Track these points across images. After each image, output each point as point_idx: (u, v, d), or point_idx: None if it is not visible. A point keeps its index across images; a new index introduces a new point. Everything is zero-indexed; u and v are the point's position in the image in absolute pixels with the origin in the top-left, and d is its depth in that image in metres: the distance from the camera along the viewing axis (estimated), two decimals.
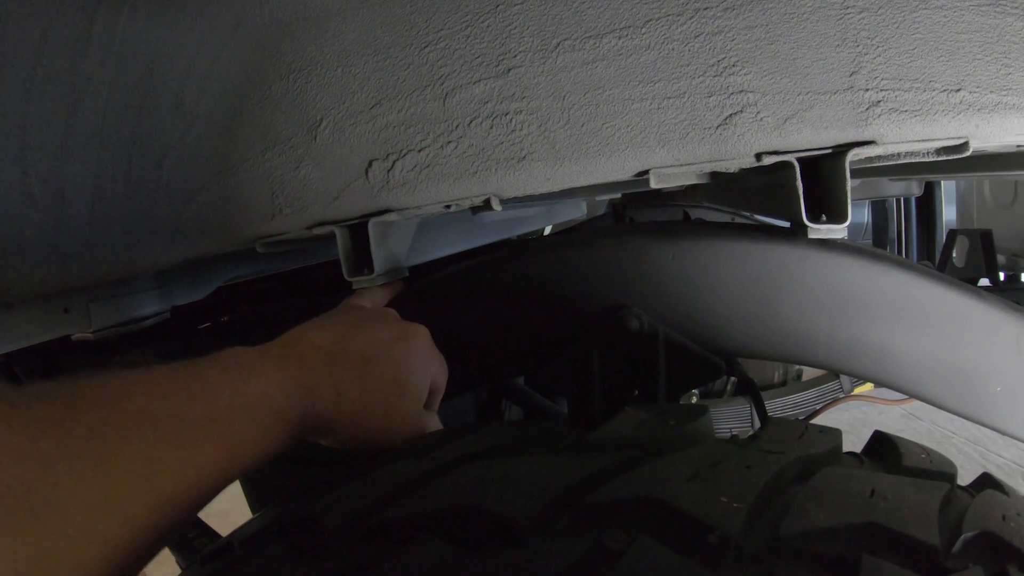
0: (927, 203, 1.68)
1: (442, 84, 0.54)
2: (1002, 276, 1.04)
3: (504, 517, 0.30)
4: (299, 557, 0.31)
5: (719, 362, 0.54)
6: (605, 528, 0.28)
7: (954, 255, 0.96)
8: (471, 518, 0.31)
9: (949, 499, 0.35)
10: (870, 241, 1.88)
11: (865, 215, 1.89)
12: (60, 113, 0.52)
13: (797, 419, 1.13)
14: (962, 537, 0.31)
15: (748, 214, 1.19)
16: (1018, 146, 0.60)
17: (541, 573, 0.26)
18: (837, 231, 0.52)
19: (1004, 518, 0.35)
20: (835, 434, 0.41)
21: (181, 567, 0.71)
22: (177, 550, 0.73)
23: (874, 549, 0.28)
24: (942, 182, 1.62)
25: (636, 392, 0.55)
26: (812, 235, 0.51)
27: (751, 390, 0.88)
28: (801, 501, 0.30)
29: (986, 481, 0.41)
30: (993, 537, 0.32)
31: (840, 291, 0.54)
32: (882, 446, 0.43)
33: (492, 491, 0.32)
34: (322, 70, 0.56)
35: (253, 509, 0.81)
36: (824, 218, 0.53)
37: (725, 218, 1.26)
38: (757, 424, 1.21)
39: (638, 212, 1.36)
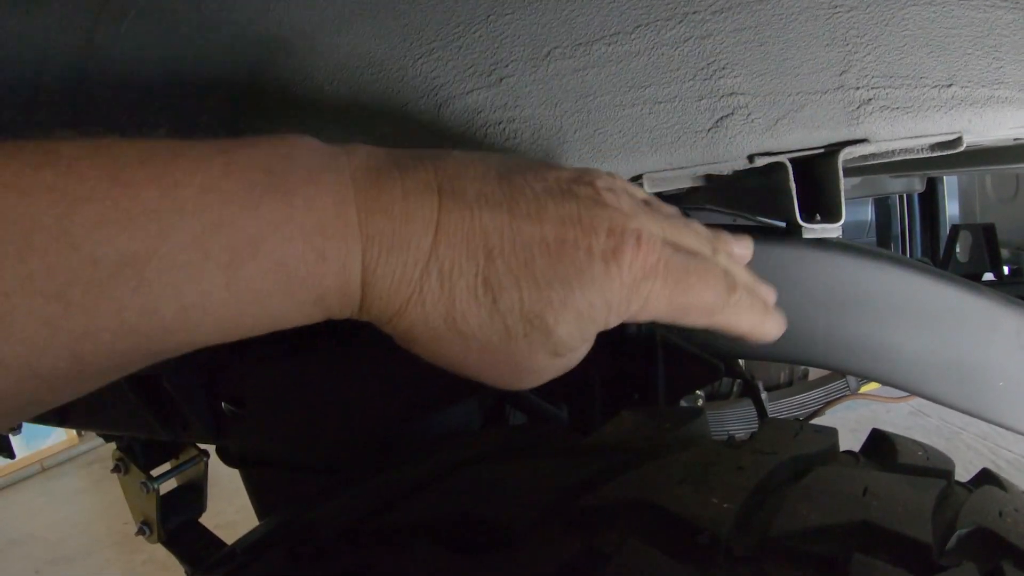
0: (930, 199, 1.67)
1: (436, 95, 0.54)
2: (1006, 270, 1.04)
3: (498, 521, 0.30)
4: (297, 563, 0.32)
5: (718, 364, 0.54)
6: (597, 531, 0.29)
7: (957, 250, 0.95)
8: (466, 522, 0.31)
9: (945, 496, 0.35)
10: (874, 239, 1.87)
11: (868, 212, 1.88)
12: (63, 130, 0.53)
13: (795, 419, 1.12)
14: (956, 534, 0.31)
15: (749, 216, 1.19)
16: (1016, 139, 0.60)
17: (533, 575, 0.26)
18: (832, 230, 0.52)
19: (1001, 514, 0.35)
20: (831, 433, 0.41)
21: (188, 575, 0.72)
22: (184, 558, 0.74)
23: (865, 547, 0.28)
24: (944, 177, 1.61)
25: (636, 396, 0.56)
26: (807, 235, 0.52)
27: (751, 391, 0.87)
28: (792, 501, 0.30)
29: (985, 477, 0.41)
30: (988, 533, 0.32)
31: (837, 290, 0.54)
32: (879, 444, 0.43)
33: (487, 496, 0.32)
34: (319, 83, 0.57)
35: (259, 519, 0.81)
36: (819, 217, 0.53)
37: (727, 220, 1.26)
38: None
39: None
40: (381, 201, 0.25)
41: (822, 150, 0.52)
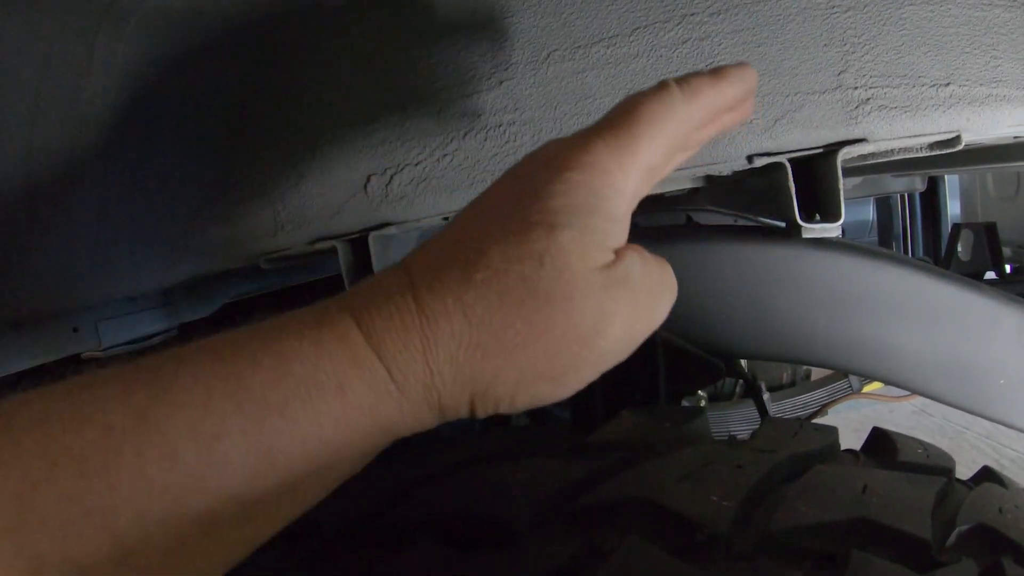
0: (931, 198, 1.67)
1: (436, 98, 0.55)
2: (1008, 268, 1.04)
3: (500, 519, 0.30)
4: (300, 561, 0.32)
5: (718, 364, 0.54)
6: (597, 528, 0.29)
7: (959, 249, 0.95)
8: (468, 520, 0.31)
9: (945, 493, 0.35)
10: (875, 238, 1.87)
11: (870, 212, 1.88)
12: (65, 137, 0.53)
13: (796, 418, 1.13)
14: (956, 530, 0.32)
15: (751, 216, 1.19)
16: (1015, 137, 0.61)
17: (533, 573, 0.26)
18: (831, 230, 0.52)
19: (1001, 511, 0.35)
20: (830, 432, 0.41)
21: None
22: None
23: (864, 544, 0.28)
24: (945, 177, 1.61)
25: (637, 396, 0.56)
26: (806, 235, 0.52)
27: (752, 390, 0.87)
28: (791, 498, 0.31)
29: (985, 475, 0.41)
30: (988, 529, 0.32)
31: (836, 289, 0.54)
32: (880, 443, 0.43)
33: (489, 494, 0.33)
34: (318, 88, 0.57)
35: None
36: (818, 217, 0.53)
37: (727, 220, 1.26)
38: None
39: (641, 217, 1.37)
40: (351, 288, 0.26)
41: (821, 150, 0.52)
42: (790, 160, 0.52)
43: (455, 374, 0.25)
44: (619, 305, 0.26)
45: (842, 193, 0.51)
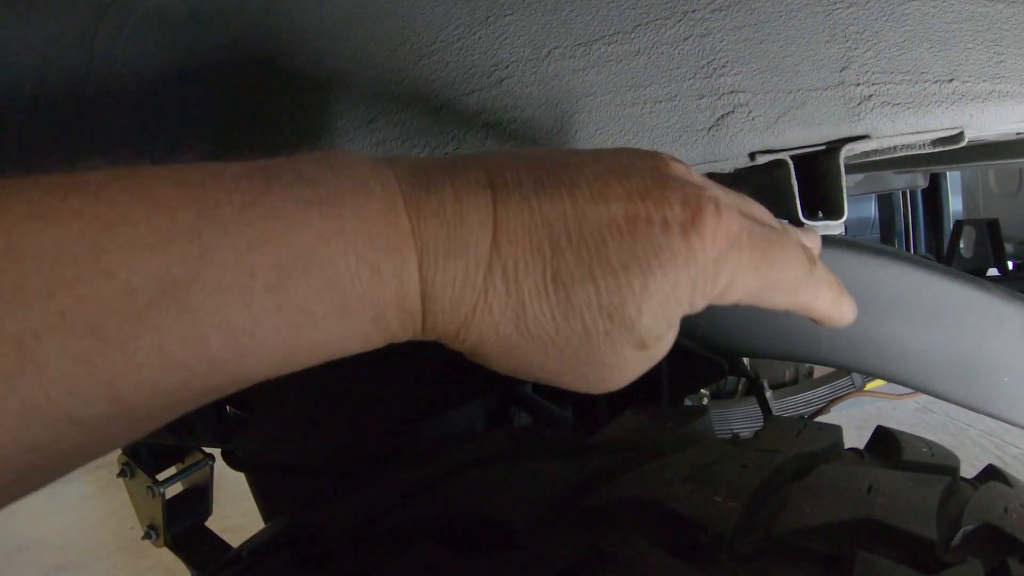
0: (933, 195, 1.67)
1: (436, 97, 0.54)
2: (1011, 265, 1.03)
3: (502, 521, 0.30)
4: (303, 565, 0.32)
5: (721, 363, 0.54)
6: (600, 530, 0.29)
7: (961, 246, 0.95)
8: (470, 523, 0.31)
9: (950, 492, 0.35)
10: (877, 235, 1.87)
11: (872, 209, 1.88)
12: (64, 138, 0.53)
13: (799, 416, 1.12)
14: (961, 530, 0.31)
15: None
16: (1018, 133, 0.60)
17: (535, 575, 0.26)
18: (834, 227, 0.52)
19: (1006, 510, 0.35)
20: (834, 431, 0.41)
21: None
22: (190, 562, 0.74)
23: (869, 545, 0.28)
24: (947, 173, 1.61)
25: (640, 396, 0.56)
26: None
27: (755, 389, 0.87)
28: (796, 499, 0.30)
29: (990, 473, 0.41)
30: (994, 529, 0.32)
31: None
32: (884, 441, 0.43)
33: (490, 496, 0.33)
34: (319, 87, 0.57)
35: (265, 522, 0.82)
36: (821, 214, 0.53)
37: None
38: None
39: None
40: (431, 205, 0.23)
41: (823, 147, 0.52)
42: (792, 157, 0.51)
43: (472, 345, 0.25)
44: (638, 368, 0.27)
45: (845, 190, 0.51)
